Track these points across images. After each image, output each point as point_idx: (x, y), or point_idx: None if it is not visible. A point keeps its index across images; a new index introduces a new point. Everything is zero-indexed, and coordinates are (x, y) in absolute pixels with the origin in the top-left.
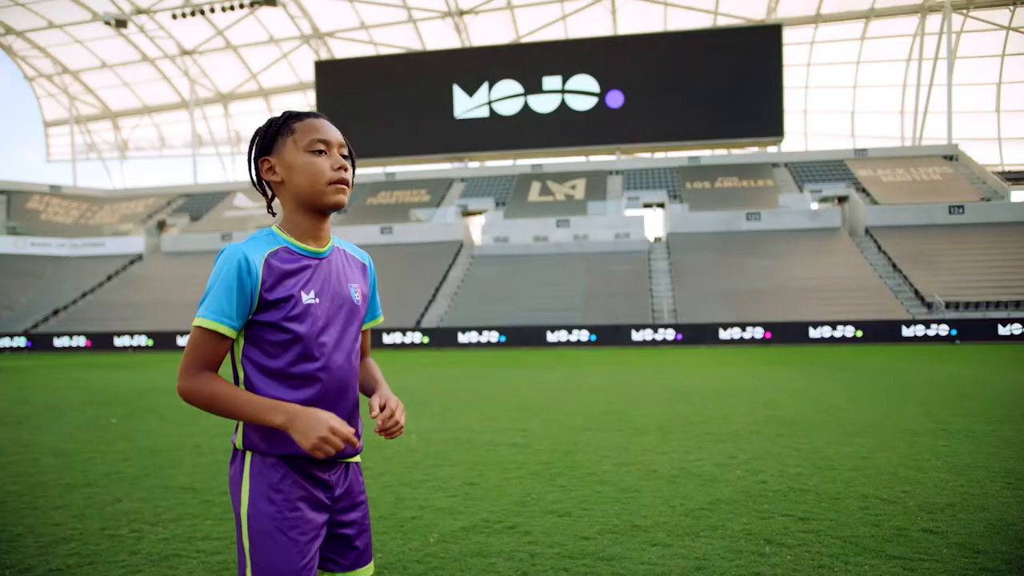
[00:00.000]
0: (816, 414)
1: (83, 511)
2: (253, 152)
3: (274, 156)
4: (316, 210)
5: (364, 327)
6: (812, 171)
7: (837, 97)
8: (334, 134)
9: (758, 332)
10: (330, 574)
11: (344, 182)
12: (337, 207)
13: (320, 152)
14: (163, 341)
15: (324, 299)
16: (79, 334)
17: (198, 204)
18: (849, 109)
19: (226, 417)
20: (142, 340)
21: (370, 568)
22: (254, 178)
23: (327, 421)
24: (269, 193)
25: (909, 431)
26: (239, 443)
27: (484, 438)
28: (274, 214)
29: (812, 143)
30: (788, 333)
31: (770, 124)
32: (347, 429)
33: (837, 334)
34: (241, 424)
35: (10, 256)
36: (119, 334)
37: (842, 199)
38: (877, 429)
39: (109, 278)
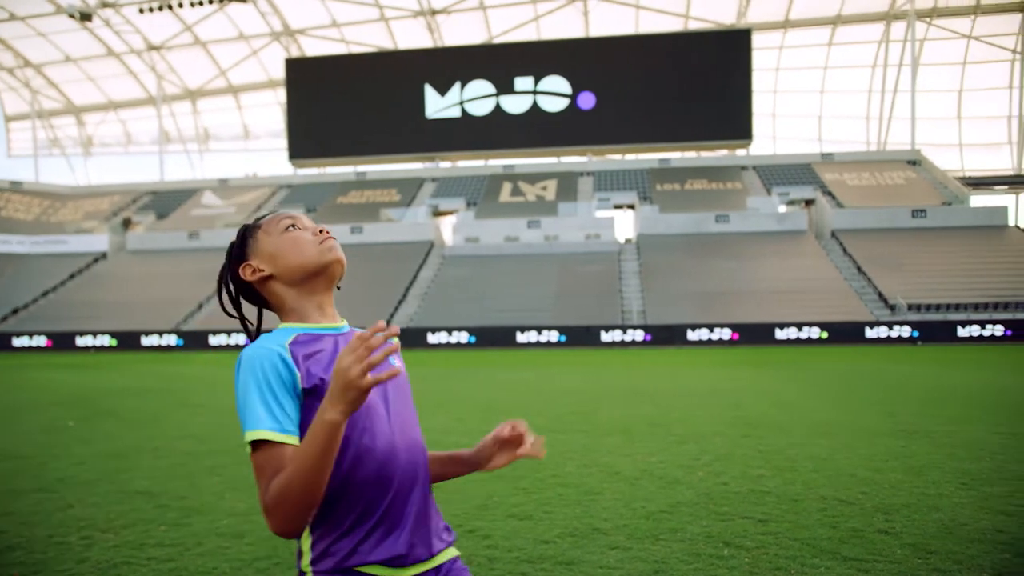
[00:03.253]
0: (780, 415)
1: (31, 518)
2: (227, 268)
3: (251, 257)
4: (316, 281)
5: None
6: (780, 174)
7: (805, 101)
8: (301, 216)
9: (726, 333)
10: None
11: (331, 238)
12: (337, 266)
13: (295, 227)
14: (127, 341)
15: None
16: (40, 334)
17: (165, 202)
18: (816, 113)
19: (310, 484)
20: (105, 340)
21: None
22: (229, 306)
23: (347, 350)
24: (252, 323)
25: (869, 432)
26: (305, 566)
27: (450, 440)
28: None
29: (780, 147)
30: (755, 334)
31: (739, 127)
32: (369, 337)
33: (803, 335)
34: (306, 546)
35: None
36: (81, 334)
37: (809, 202)
38: (838, 430)
39: (72, 276)
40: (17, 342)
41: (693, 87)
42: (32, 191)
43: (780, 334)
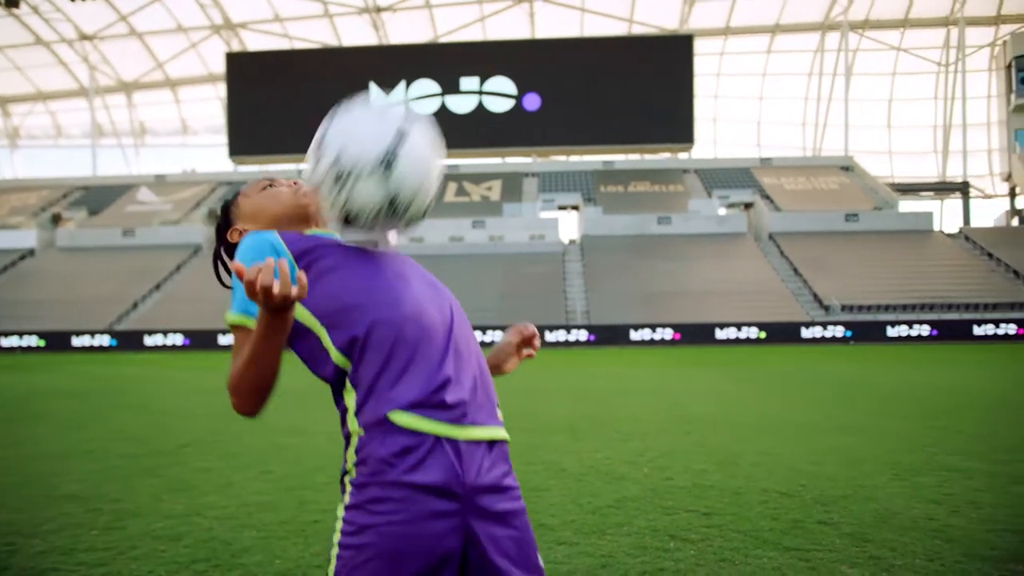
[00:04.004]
0: (721, 412)
1: None
2: (218, 243)
3: (236, 222)
4: (299, 227)
5: None
6: (720, 178)
7: (745, 107)
8: (278, 178)
9: (667, 333)
10: None
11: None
12: (313, 211)
13: (271, 186)
14: (56, 342)
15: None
16: None
17: (97, 197)
18: (756, 119)
19: (259, 367)
20: (33, 340)
21: None
22: (228, 279)
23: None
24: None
25: (808, 427)
26: (352, 427)
27: None
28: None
29: (721, 151)
30: (696, 334)
31: (681, 131)
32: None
33: (742, 335)
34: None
35: None
36: (7, 334)
37: (748, 205)
38: (778, 426)
39: (1, 272)
40: None
41: (637, 90)
42: None
43: (720, 334)
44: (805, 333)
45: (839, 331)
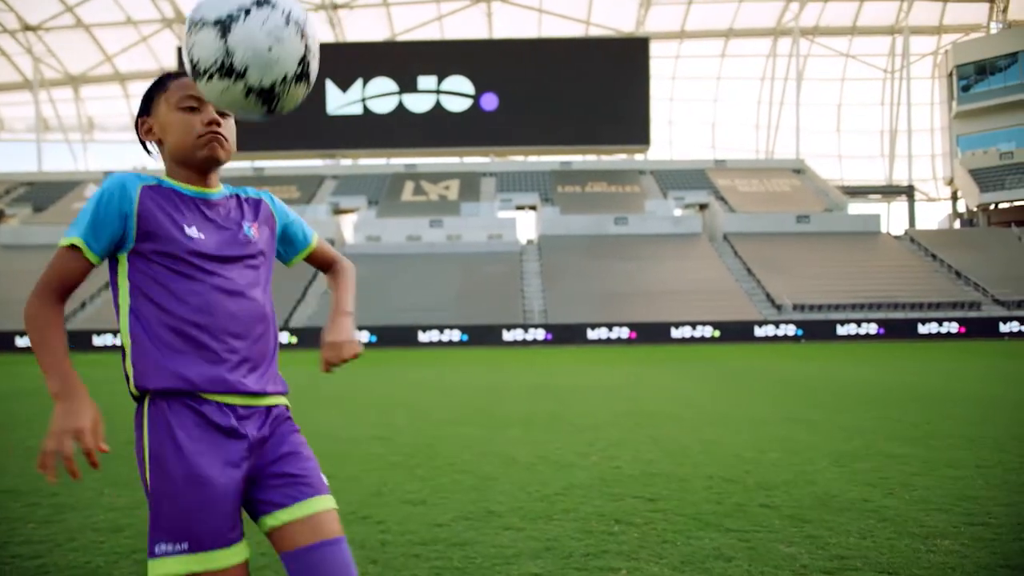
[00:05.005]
0: (673, 407)
1: None
2: (137, 113)
3: (152, 116)
4: (193, 167)
5: (311, 244)
6: (676, 179)
7: (700, 109)
8: (208, 93)
9: (624, 332)
10: (273, 514)
11: (216, 136)
12: (210, 161)
13: (192, 109)
14: (0, 342)
15: (211, 237)
16: None
17: (43, 194)
18: (711, 121)
19: (34, 350)
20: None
21: (327, 500)
22: (140, 141)
23: (76, 426)
24: (154, 154)
25: (756, 420)
26: (134, 390)
27: (345, 433)
28: None
29: (677, 152)
30: (652, 333)
31: (637, 133)
32: (88, 443)
33: (697, 334)
34: (130, 364)
35: None
36: None
37: (703, 206)
38: (727, 419)
39: None
40: None
41: (594, 92)
42: None
43: (675, 333)
44: (758, 332)
45: (791, 330)
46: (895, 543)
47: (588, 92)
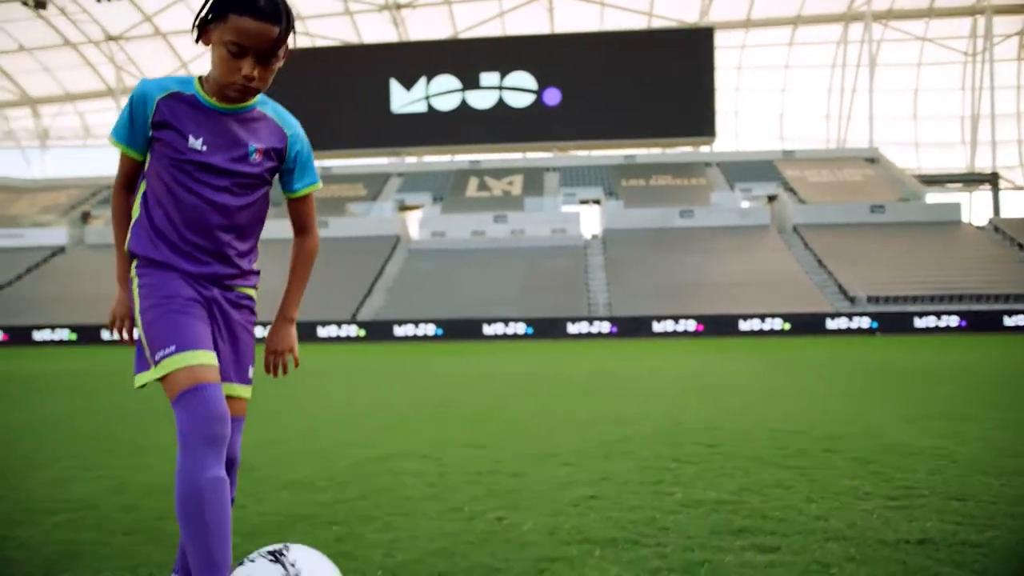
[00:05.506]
0: (740, 381)
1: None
2: (201, 10)
3: (209, 30)
4: (220, 95)
5: (298, 192)
6: (743, 171)
7: (767, 99)
8: (254, 39)
9: (690, 324)
10: None
11: (248, 88)
12: (236, 102)
13: (236, 53)
14: (87, 335)
15: (214, 149)
16: None
17: None
18: (778, 111)
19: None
20: (64, 334)
21: (245, 389)
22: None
23: (120, 314)
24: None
25: (823, 394)
26: (126, 248)
27: (407, 404)
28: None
29: (743, 143)
30: (719, 325)
31: (702, 125)
32: (116, 326)
33: (766, 326)
34: (130, 231)
35: None
36: (39, 328)
37: (771, 198)
38: (795, 393)
39: (28, 271)
40: None
41: (657, 84)
42: None
43: (744, 325)
44: (830, 324)
45: (865, 322)
46: (966, 479)
47: (652, 85)
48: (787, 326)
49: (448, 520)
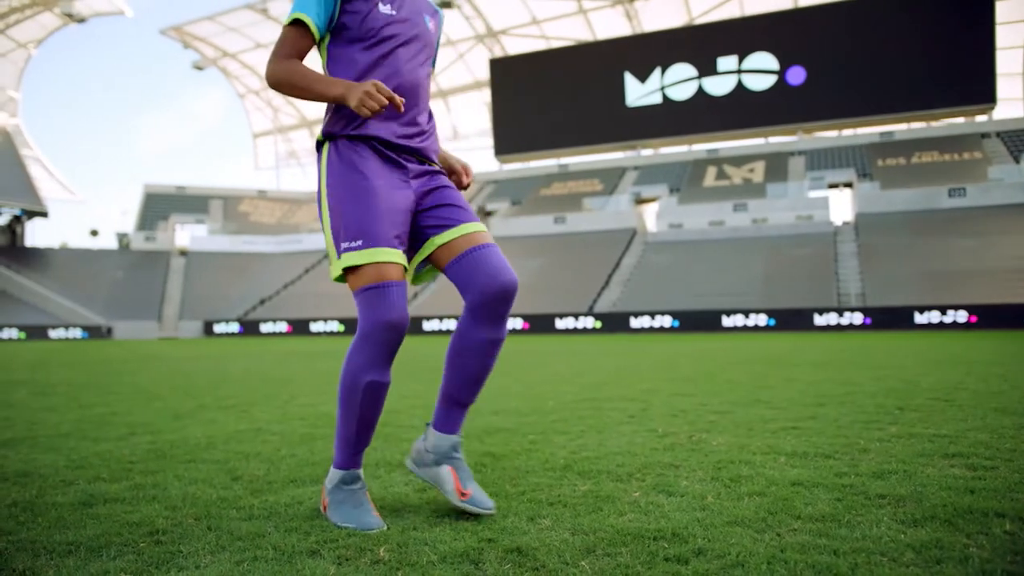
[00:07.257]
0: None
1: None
2: None
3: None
4: None
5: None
6: None
7: None
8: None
9: (961, 316)
10: (439, 235)
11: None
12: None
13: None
14: (354, 327)
15: (402, 14)
16: (281, 320)
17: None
18: None
19: (299, 93)
20: (335, 326)
21: (478, 225)
22: None
23: (371, 83)
24: None
25: None
26: (319, 136)
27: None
28: None
29: None
30: (998, 317)
31: (979, 90)
32: (387, 91)
33: None
34: (324, 121)
35: (227, 254)
36: (315, 320)
37: None
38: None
39: (307, 271)
40: (263, 328)
41: (918, 51)
42: (274, 198)
43: None
44: None
45: None
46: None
47: (911, 52)
48: None
49: (640, 436)
